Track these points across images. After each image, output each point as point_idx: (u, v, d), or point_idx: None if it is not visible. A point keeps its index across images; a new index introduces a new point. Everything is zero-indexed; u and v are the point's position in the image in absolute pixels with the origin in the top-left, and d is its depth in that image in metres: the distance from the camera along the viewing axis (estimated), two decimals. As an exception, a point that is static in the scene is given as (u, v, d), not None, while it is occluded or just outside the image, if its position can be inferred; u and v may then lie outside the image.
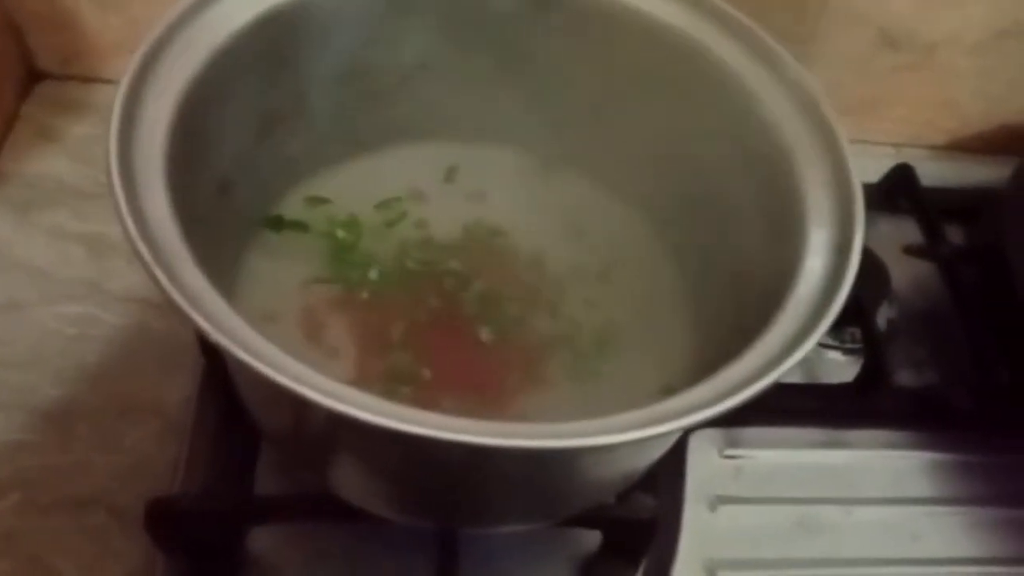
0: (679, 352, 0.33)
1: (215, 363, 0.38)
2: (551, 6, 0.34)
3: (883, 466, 0.43)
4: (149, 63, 0.26)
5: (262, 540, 0.34)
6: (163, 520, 0.31)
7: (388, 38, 0.35)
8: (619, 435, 0.21)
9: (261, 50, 0.30)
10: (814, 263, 0.26)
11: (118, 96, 0.24)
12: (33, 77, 0.50)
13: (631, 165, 0.36)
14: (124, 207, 0.22)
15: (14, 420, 0.38)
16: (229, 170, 0.32)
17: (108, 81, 0.51)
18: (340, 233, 0.36)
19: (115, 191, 0.22)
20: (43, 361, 0.40)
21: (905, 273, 0.49)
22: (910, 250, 0.48)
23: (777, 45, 0.30)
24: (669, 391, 0.29)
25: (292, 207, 0.36)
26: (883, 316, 0.46)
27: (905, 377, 0.46)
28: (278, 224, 0.36)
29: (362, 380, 0.33)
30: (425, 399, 0.33)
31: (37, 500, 0.36)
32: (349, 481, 0.31)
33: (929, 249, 0.48)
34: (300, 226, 0.36)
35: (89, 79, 0.51)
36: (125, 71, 0.25)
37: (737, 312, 0.29)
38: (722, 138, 0.31)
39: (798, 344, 0.23)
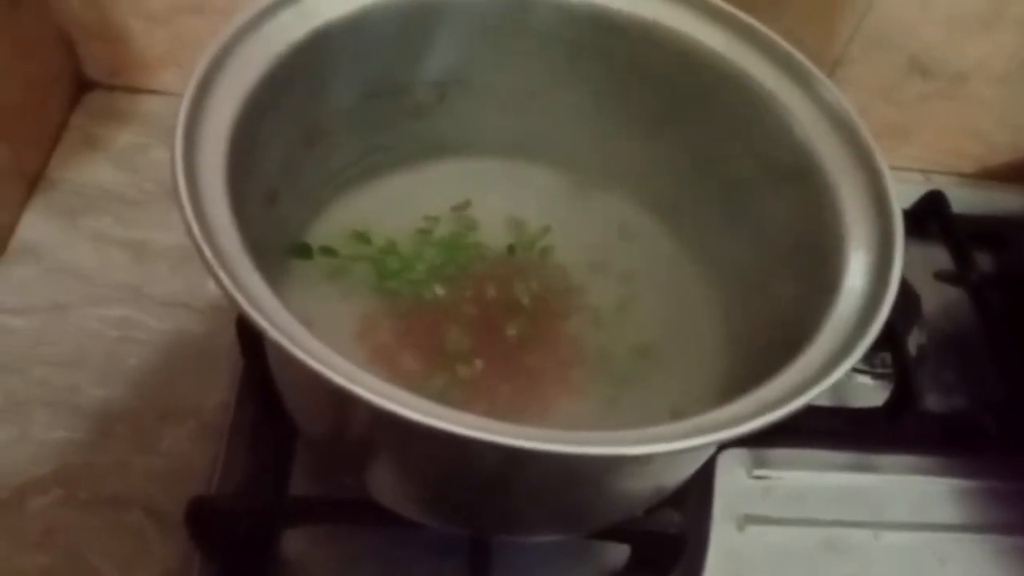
0: (710, 370, 0.34)
1: (254, 366, 0.39)
2: (587, 26, 0.35)
3: (911, 490, 0.43)
4: (209, 76, 0.27)
5: (296, 541, 0.35)
6: (202, 518, 0.32)
7: (431, 55, 0.36)
8: (657, 445, 0.22)
9: (310, 65, 0.31)
10: (853, 285, 0.26)
11: (182, 108, 0.25)
12: (82, 87, 0.52)
13: (667, 183, 0.37)
14: (191, 214, 0.23)
15: (58, 418, 0.39)
16: (276, 180, 0.33)
17: (154, 92, 0.53)
18: (378, 256, 0.37)
19: (182, 199, 0.23)
20: (86, 362, 0.41)
21: (935, 298, 0.49)
22: (941, 276, 0.49)
23: (814, 68, 0.31)
24: (677, 415, 0.30)
25: (327, 230, 0.37)
26: (914, 341, 0.47)
27: (934, 402, 0.46)
28: (306, 252, 0.36)
29: (401, 382, 0.34)
30: (461, 403, 0.33)
31: (77, 497, 0.37)
32: (385, 484, 0.32)
33: (959, 275, 0.49)
34: (330, 252, 0.36)
35: (135, 90, 0.53)
36: (188, 84, 0.26)
37: (770, 333, 0.29)
38: (759, 159, 0.32)
39: (836, 364, 0.24)
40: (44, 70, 0.49)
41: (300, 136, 0.34)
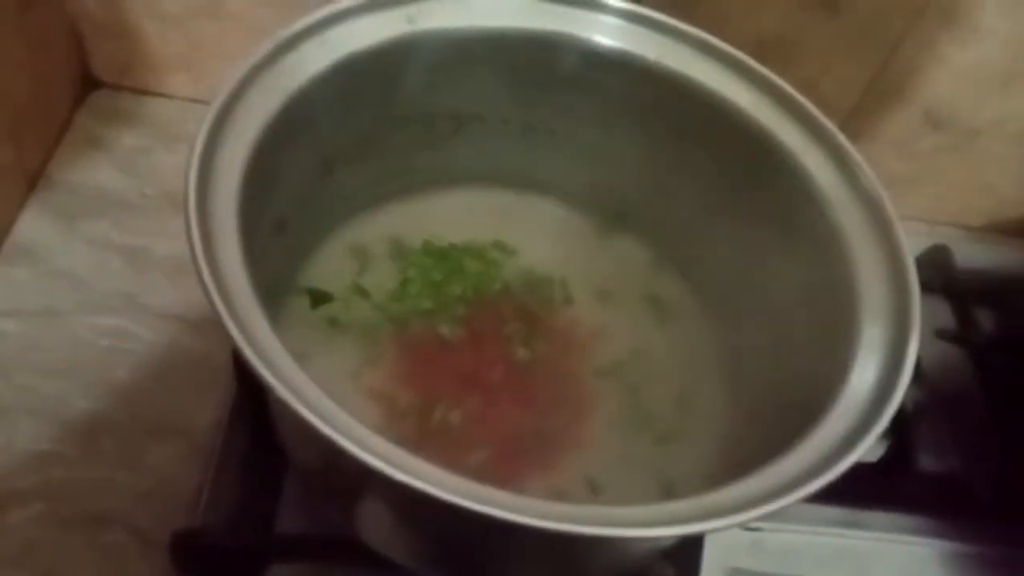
0: (712, 429, 0.33)
1: (248, 389, 0.38)
2: (614, 72, 0.34)
3: (901, 551, 0.43)
4: (228, 107, 0.26)
5: (282, 573, 0.34)
6: (187, 550, 0.31)
7: (451, 88, 0.35)
8: (665, 528, 0.21)
9: (330, 97, 0.30)
10: (867, 361, 0.26)
11: (198, 140, 0.25)
12: (89, 85, 0.51)
13: (684, 234, 0.36)
14: (201, 255, 0.22)
15: (43, 430, 0.38)
16: (287, 209, 0.32)
17: (161, 95, 0.52)
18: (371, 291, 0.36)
19: (193, 239, 0.23)
20: (75, 372, 0.40)
21: (936, 354, 0.49)
22: (943, 335, 0.48)
23: (846, 141, 0.30)
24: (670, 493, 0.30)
25: (331, 257, 0.36)
26: (911, 398, 0.46)
27: (929, 462, 0.46)
28: (322, 298, 0.35)
29: (398, 421, 0.33)
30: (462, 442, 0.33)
31: (58, 513, 0.36)
32: (374, 528, 0.31)
33: (961, 335, 0.48)
34: (324, 297, 0.35)
35: (142, 91, 0.52)
36: (205, 116, 0.25)
37: (780, 400, 0.29)
38: (779, 220, 0.32)
39: (853, 444, 0.24)
40: (53, 67, 0.48)
41: (315, 165, 0.33)
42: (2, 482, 0.36)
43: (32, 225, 0.45)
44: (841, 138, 0.31)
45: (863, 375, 0.25)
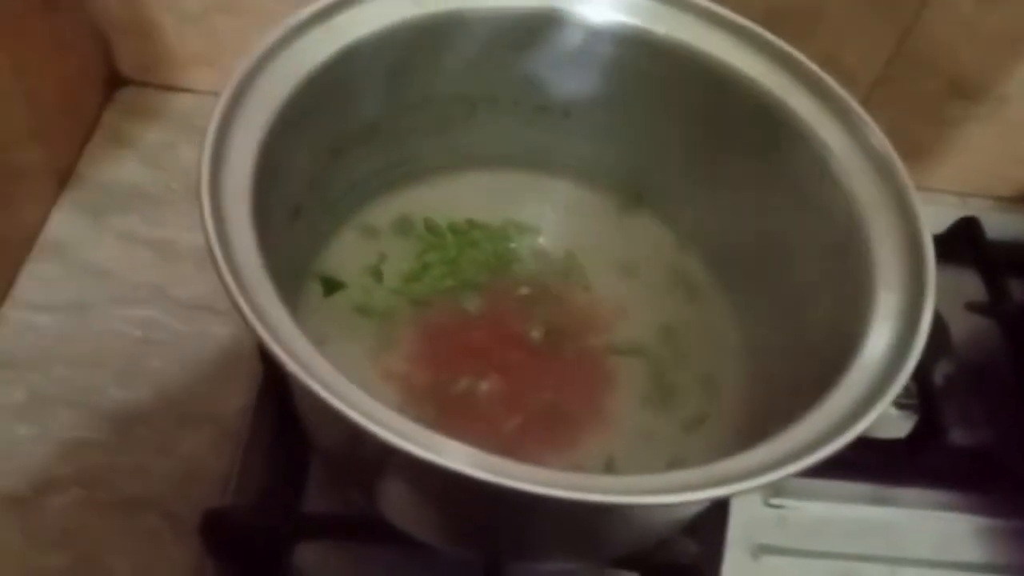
0: (731, 405, 0.33)
1: (272, 375, 0.39)
2: (622, 46, 0.34)
3: (932, 527, 0.42)
4: (238, 96, 0.27)
5: (309, 553, 0.35)
6: (216, 529, 0.32)
7: (460, 70, 0.35)
8: (678, 495, 0.21)
9: (339, 82, 0.31)
10: (882, 328, 0.26)
11: (209, 131, 0.25)
12: (115, 83, 0.52)
13: (700, 210, 0.36)
14: (214, 238, 0.23)
15: (79, 418, 0.39)
16: (300, 194, 0.33)
17: (185, 90, 0.53)
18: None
19: (207, 228, 0.23)
20: (107, 362, 0.41)
21: (967, 327, 0.48)
22: (972, 307, 0.47)
23: (858, 107, 0.30)
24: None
25: (347, 242, 0.37)
26: (941, 372, 0.45)
27: (959, 436, 0.45)
28: (334, 286, 0.35)
29: (417, 401, 0.34)
30: (481, 423, 0.33)
31: (96, 498, 0.37)
32: (396, 506, 0.31)
33: (991, 307, 0.47)
34: (337, 285, 0.35)
35: (167, 87, 0.53)
36: (215, 107, 0.26)
37: (795, 373, 0.29)
38: (793, 191, 0.31)
39: (863, 412, 0.23)
40: (80, 67, 0.49)
41: (326, 150, 0.34)
42: (42, 469, 0.38)
43: (63, 222, 0.46)
44: (853, 104, 0.30)
45: (877, 343, 0.25)
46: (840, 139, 0.30)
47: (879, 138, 0.29)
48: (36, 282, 0.44)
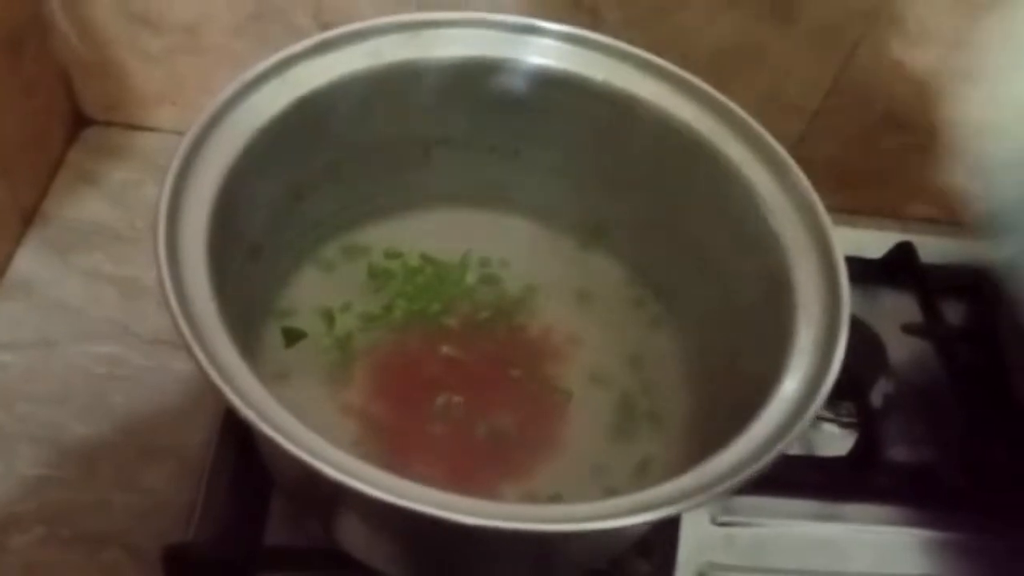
0: (676, 430, 0.35)
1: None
2: (564, 91, 0.36)
3: (876, 541, 0.44)
4: (198, 143, 0.28)
5: (271, 586, 0.36)
6: (178, 563, 0.33)
7: (413, 115, 0.37)
8: (607, 521, 0.23)
9: (296, 131, 0.32)
10: (799, 362, 0.27)
11: (167, 177, 0.26)
12: (80, 124, 0.53)
13: (646, 244, 0.38)
14: (169, 286, 0.24)
15: (42, 455, 0.40)
16: (260, 236, 0.34)
17: (149, 128, 0.54)
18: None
19: (162, 272, 0.24)
20: (71, 398, 0.42)
21: (904, 348, 0.50)
22: (909, 328, 0.50)
23: (785, 153, 0.32)
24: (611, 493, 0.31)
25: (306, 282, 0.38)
26: (879, 392, 0.48)
27: (900, 453, 0.47)
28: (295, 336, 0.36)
29: (375, 435, 0.35)
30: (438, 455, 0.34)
31: (58, 534, 0.38)
32: (354, 539, 0.33)
33: (927, 328, 0.50)
34: (299, 335, 0.36)
35: (131, 126, 0.54)
36: (175, 155, 0.27)
37: (732, 402, 0.31)
38: (730, 229, 0.33)
39: (781, 437, 0.25)
40: (45, 107, 0.50)
41: (286, 191, 0.35)
42: (3, 507, 0.38)
43: (28, 260, 0.47)
44: (780, 149, 0.32)
45: (795, 375, 0.27)
46: (768, 182, 0.32)
47: (802, 181, 0.32)
48: (1, 320, 0.44)
